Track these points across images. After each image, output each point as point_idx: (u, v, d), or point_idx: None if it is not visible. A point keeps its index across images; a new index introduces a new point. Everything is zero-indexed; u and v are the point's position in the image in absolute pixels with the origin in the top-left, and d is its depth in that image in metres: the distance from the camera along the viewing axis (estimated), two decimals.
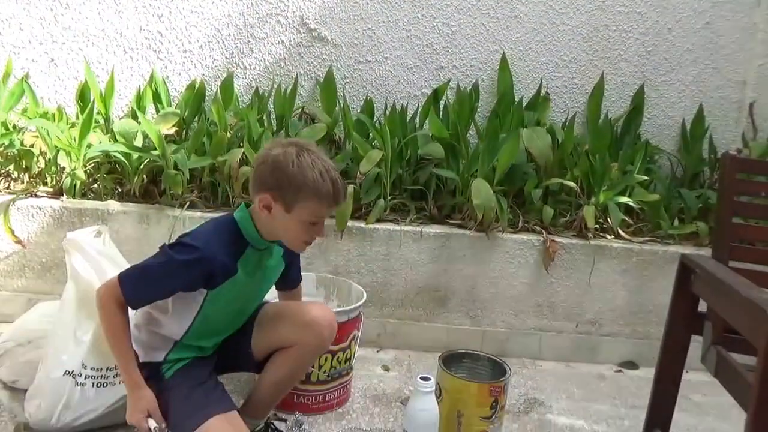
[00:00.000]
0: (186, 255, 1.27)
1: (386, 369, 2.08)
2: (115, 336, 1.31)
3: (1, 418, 1.58)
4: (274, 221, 1.33)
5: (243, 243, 1.36)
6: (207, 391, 1.38)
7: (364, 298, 1.83)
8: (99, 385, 1.54)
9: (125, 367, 1.32)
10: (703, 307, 1.40)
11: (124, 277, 1.30)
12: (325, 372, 1.73)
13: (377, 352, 2.19)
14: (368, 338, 2.17)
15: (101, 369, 1.55)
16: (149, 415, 1.31)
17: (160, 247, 1.33)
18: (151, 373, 1.39)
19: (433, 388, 1.52)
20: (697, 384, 2.02)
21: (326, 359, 1.73)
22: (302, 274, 1.66)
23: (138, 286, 1.30)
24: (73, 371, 1.52)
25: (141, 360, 1.38)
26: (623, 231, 2.29)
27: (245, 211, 1.38)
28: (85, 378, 1.53)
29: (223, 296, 1.35)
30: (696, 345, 1.42)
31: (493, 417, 1.60)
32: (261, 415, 1.56)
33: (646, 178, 2.37)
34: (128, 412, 1.33)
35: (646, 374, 2.04)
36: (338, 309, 1.80)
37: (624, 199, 2.30)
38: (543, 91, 2.61)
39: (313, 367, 1.70)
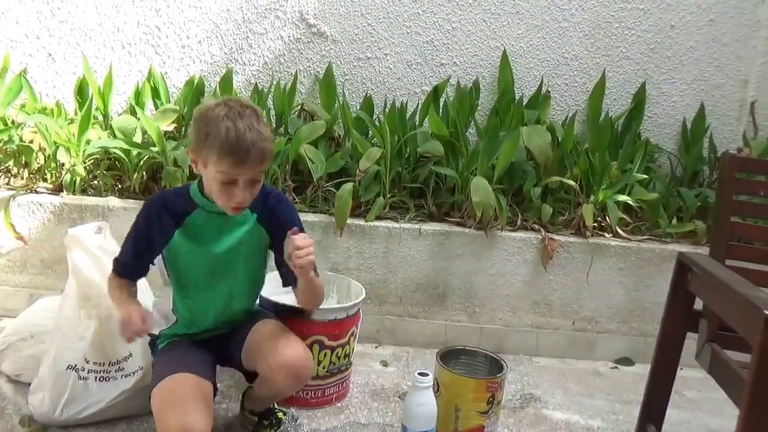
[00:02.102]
0: (143, 208, 1.43)
1: (385, 364, 2.09)
2: (112, 294, 1.41)
3: (6, 411, 1.60)
4: (203, 177, 1.37)
5: (190, 202, 1.41)
6: (179, 356, 1.43)
7: (363, 295, 1.84)
8: (101, 379, 1.57)
9: (117, 303, 1.38)
10: (698, 305, 1.41)
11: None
12: (324, 368, 1.75)
13: (376, 347, 2.20)
14: (367, 334, 2.18)
15: (103, 363, 1.58)
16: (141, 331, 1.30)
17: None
18: (152, 342, 1.53)
19: (431, 383, 1.53)
20: (691, 380, 2.05)
21: (325, 355, 1.74)
22: None
23: (119, 253, 1.44)
24: (75, 365, 1.55)
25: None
26: (622, 229, 2.30)
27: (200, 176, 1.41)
28: (87, 372, 1.56)
29: (180, 248, 1.41)
30: (691, 342, 1.43)
31: (490, 412, 1.62)
32: (260, 408, 1.60)
33: (646, 176, 2.38)
34: (120, 329, 1.30)
35: (642, 370, 2.06)
36: (337, 306, 1.81)
37: (623, 198, 2.30)
38: (544, 89, 2.60)
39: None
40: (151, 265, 1.46)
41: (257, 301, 1.62)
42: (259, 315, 1.56)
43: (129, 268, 1.43)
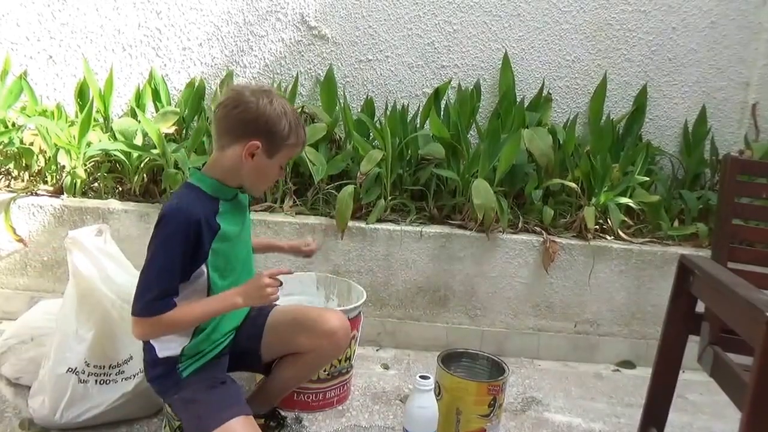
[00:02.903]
0: (171, 223, 1.27)
1: (386, 367, 2.08)
2: (191, 317, 1.31)
3: (6, 413, 1.60)
4: (249, 167, 1.33)
5: (213, 200, 1.35)
6: (227, 391, 1.36)
7: (364, 298, 1.83)
8: (101, 382, 1.57)
9: (213, 308, 1.32)
10: (700, 307, 1.41)
11: (138, 311, 1.28)
12: (324, 370, 1.74)
13: (377, 350, 2.20)
14: (368, 337, 2.18)
15: (103, 366, 1.57)
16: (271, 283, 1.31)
17: (148, 248, 1.31)
18: (167, 370, 1.37)
19: (433, 386, 1.53)
20: (693, 383, 2.04)
21: None
22: (303, 273, 1.66)
23: (147, 295, 1.27)
24: (75, 368, 1.55)
25: (158, 355, 1.36)
26: (623, 232, 2.29)
27: (197, 173, 1.38)
28: (87, 375, 1.56)
29: (221, 258, 1.35)
30: (693, 345, 1.43)
31: (491, 415, 1.62)
32: (265, 407, 1.59)
33: (647, 179, 2.38)
34: (253, 298, 1.32)
35: (643, 373, 2.05)
36: (337, 309, 1.81)
37: (624, 200, 2.30)
38: (545, 91, 2.60)
39: None
40: None
41: None
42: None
43: (166, 303, 1.29)
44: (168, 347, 1.37)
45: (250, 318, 1.53)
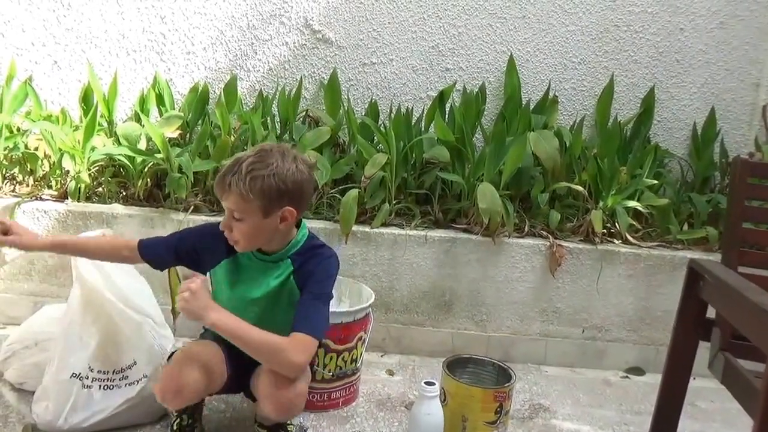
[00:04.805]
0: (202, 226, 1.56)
1: (391, 373, 2.06)
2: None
3: (10, 419, 1.60)
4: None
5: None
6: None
7: (372, 299, 1.84)
8: (105, 387, 1.57)
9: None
10: (711, 313, 1.39)
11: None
12: (329, 371, 1.74)
13: (381, 356, 2.18)
14: (373, 342, 2.15)
15: (107, 372, 1.57)
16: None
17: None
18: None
19: (438, 392, 1.52)
20: (704, 390, 2.01)
21: (331, 358, 1.74)
22: None
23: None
24: (79, 374, 1.55)
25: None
26: (631, 236, 2.26)
27: None
28: (91, 380, 1.56)
29: (219, 278, 1.50)
30: (703, 351, 1.41)
31: (498, 422, 1.60)
32: (268, 422, 1.56)
33: (656, 182, 2.35)
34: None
35: (653, 380, 2.03)
36: (343, 310, 1.81)
37: (632, 204, 2.27)
38: (551, 94, 2.58)
39: (317, 365, 1.72)
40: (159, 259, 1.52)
41: None
42: None
43: (150, 245, 1.50)
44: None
45: None
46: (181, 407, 1.49)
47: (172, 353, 1.50)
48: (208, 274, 1.50)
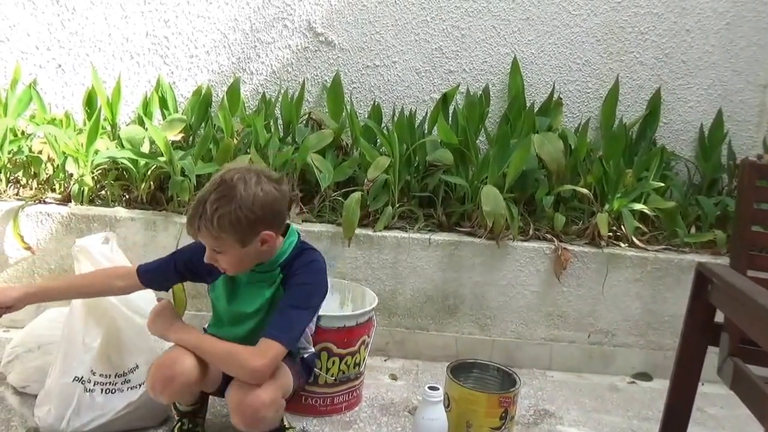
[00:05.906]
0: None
1: (394, 378, 2.05)
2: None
3: (12, 422, 1.60)
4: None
5: None
6: None
7: (375, 303, 1.83)
8: (107, 391, 1.56)
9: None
10: (719, 317, 1.37)
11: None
12: (332, 375, 1.73)
13: (385, 360, 2.16)
14: (376, 347, 2.13)
15: (110, 375, 1.57)
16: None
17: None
18: None
19: (442, 397, 1.51)
20: (713, 396, 1.99)
21: (334, 362, 1.73)
22: None
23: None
24: (82, 377, 1.55)
25: None
26: (638, 239, 2.24)
27: None
28: (94, 384, 1.56)
29: (218, 293, 1.51)
30: (712, 356, 1.39)
31: (503, 428, 1.59)
32: None
33: (662, 184, 2.33)
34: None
35: (661, 386, 2.00)
36: (346, 313, 1.80)
37: (639, 206, 2.25)
38: (555, 96, 2.57)
39: (320, 369, 1.71)
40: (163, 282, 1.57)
41: None
42: None
43: (150, 269, 1.52)
44: None
45: None
46: (172, 401, 1.49)
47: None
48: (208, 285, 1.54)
